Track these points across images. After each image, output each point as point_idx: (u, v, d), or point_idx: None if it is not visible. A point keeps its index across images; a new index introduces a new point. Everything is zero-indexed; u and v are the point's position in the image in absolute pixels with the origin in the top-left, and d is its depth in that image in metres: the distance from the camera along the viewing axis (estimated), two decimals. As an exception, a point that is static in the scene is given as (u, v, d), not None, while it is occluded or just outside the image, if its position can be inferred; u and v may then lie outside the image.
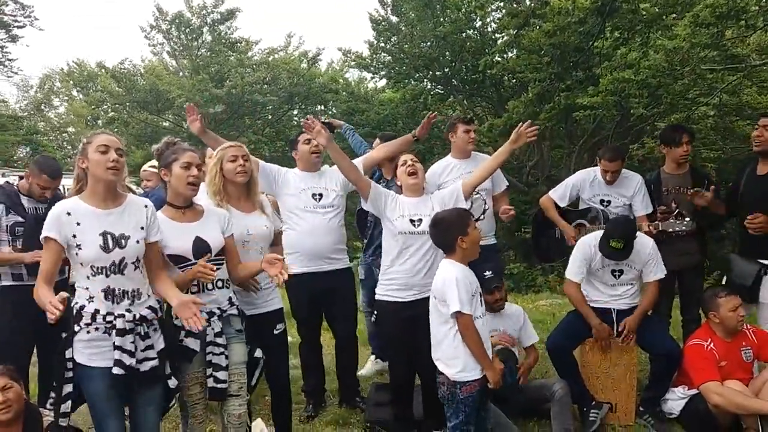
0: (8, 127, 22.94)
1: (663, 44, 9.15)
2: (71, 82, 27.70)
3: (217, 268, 3.12)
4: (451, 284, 3.22)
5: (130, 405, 2.96)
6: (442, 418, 4.06)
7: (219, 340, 3.15)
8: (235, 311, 3.30)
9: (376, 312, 4.07)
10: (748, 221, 4.26)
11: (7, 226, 4.02)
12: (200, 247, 3.16)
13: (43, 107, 32.59)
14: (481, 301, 3.34)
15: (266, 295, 3.66)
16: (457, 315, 3.20)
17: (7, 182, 4.21)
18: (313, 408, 4.60)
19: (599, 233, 4.32)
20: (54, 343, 4.05)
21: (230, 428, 3.28)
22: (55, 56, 60.43)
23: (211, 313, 3.16)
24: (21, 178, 4.18)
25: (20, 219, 4.04)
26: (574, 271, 4.43)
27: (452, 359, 3.29)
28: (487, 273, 4.35)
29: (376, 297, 4.00)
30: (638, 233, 4.31)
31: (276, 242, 3.94)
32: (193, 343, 3.10)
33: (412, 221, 3.83)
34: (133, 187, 6.48)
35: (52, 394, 4.07)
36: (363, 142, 5.79)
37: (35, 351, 4.38)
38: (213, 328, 3.15)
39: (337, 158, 3.89)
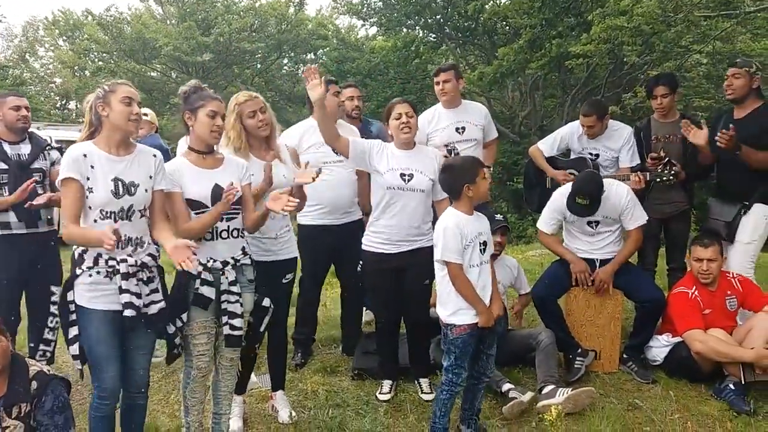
0: (-6, 77, 22.50)
1: (656, -10, 8.97)
2: (56, 31, 27.14)
3: (233, 218, 3.16)
4: (441, 232, 3.24)
5: (123, 350, 2.96)
6: (427, 366, 4.14)
7: (233, 289, 3.16)
8: (248, 261, 3.31)
9: (361, 261, 4.05)
10: (719, 135, 4.15)
11: None
12: (218, 194, 3.14)
13: (27, 56, 31.90)
14: (482, 249, 3.32)
15: (283, 243, 3.65)
16: (445, 263, 3.23)
17: None
18: (302, 356, 4.65)
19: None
20: (43, 293, 4.06)
21: (221, 369, 3.31)
22: (37, 4, 58.90)
23: (225, 263, 3.17)
24: None
25: (4, 166, 3.99)
26: (545, 221, 4.48)
27: (445, 302, 3.32)
28: (498, 216, 4.47)
29: (362, 247, 3.97)
30: (614, 182, 4.30)
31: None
32: (208, 291, 3.10)
33: (402, 176, 3.77)
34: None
35: (41, 347, 4.12)
36: None
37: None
38: (227, 277, 3.16)
39: (320, 118, 3.76)
